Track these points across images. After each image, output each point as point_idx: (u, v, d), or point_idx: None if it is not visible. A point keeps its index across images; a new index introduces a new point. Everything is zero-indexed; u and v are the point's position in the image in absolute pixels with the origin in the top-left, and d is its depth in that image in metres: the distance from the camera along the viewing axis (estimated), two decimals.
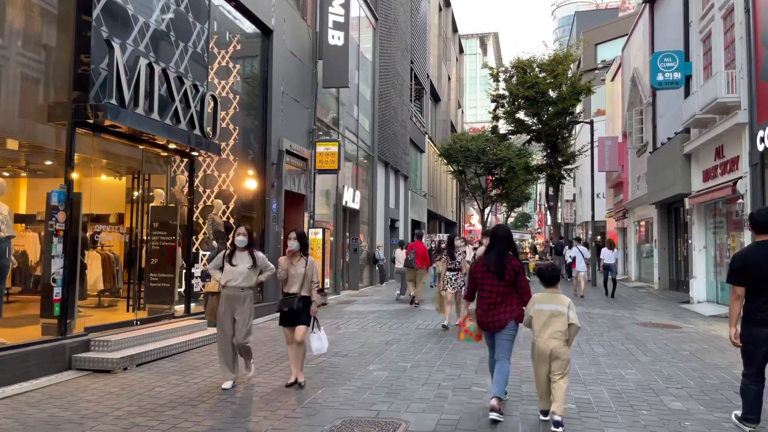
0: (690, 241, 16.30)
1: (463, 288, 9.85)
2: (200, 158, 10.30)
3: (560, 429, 4.48)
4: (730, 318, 4.70)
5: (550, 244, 24.82)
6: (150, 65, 7.83)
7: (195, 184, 9.94)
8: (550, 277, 4.92)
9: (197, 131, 8.92)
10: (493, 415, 4.77)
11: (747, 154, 12.08)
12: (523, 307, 5.02)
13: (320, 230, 14.10)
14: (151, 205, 9.46)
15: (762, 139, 10.83)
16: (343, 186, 17.10)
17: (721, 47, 13.74)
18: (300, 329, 6.01)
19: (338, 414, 5.05)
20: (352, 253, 18.37)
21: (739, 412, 4.79)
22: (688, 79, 15.96)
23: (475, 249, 15.05)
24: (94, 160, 9.05)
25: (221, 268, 6.19)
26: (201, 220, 11.04)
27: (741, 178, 12.36)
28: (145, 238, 9.32)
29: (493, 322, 5.04)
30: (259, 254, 6.26)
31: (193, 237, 9.92)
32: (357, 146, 19.05)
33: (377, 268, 20.83)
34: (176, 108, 8.34)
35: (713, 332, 10.18)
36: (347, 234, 18.16)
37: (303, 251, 6.09)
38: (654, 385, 6.15)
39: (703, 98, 13.59)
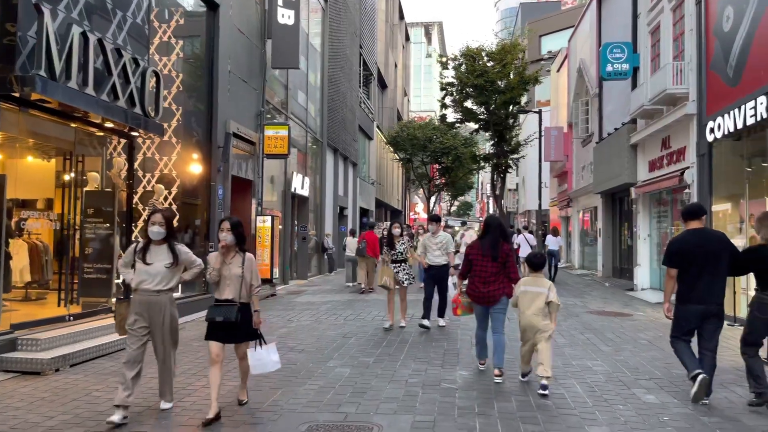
0: (635, 230, 16.66)
1: (407, 281, 8.96)
2: (140, 139, 9.54)
3: (546, 392, 5.22)
4: (665, 294, 5.41)
5: None
6: (84, 34, 7.07)
7: (134, 167, 9.18)
8: (538, 264, 5.75)
9: (137, 109, 8.18)
10: (498, 380, 5.72)
11: (694, 145, 12.31)
12: (513, 285, 5.85)
13: (269, 218, 13.51)
14: (84, 189, 8.67)
15: (712, 130, 11.02)
16: (292, 172, 16.50)
17: (670, 39, 13.95)
18: (242, 347, 4.90)
19: (303, 418, 4.63)
20: (300, 242, 17.83)
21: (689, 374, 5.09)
22: (635, 70, 16.20)
23: (413, 236, 14.88)
24: (20, 140, 8.20)
25: (133, 266, 4.83)
26: (141, 207, 10.27)
27: (688, 168, 12.61)
28: (77, 225, 8.53)
29: (488, 298, 5.89)
30: (182, 248, 4.97)
31: (132, 224, 9.19)
32: (306, 131, 18.44)
33: (326, 257, 20.36)
34: (114, 83, 7.59)
35: (664, 320, 10.30)
36: (296, 222, 17.60)
37: (239, 245, 4.83)
38: (623, 377, 6.03)
39: (652, 89, 13.78)
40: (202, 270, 5.16)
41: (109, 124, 8.01)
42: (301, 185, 17.23)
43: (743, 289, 10.36)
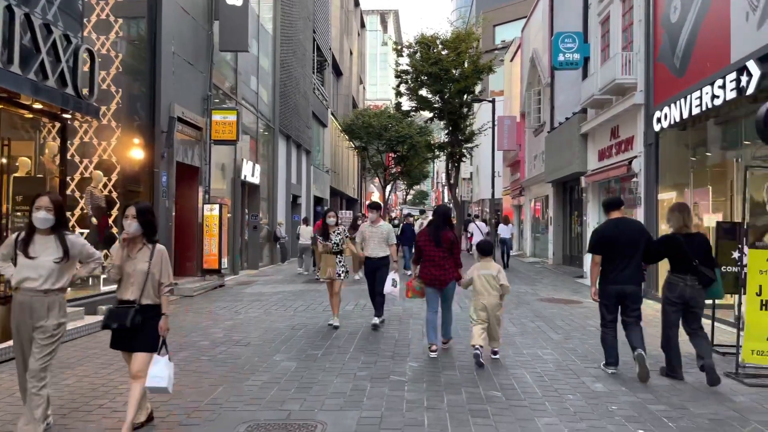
0: (584, 218, 16.93)
1: (342, 274, 8.07)
2: (76, 123, 9.00)
3: (498, 356, 6.24)
4: (591, 280, 5.93)
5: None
6: (9, 8, 6.54)
7: (69, 152, 8.65)
8: (486, 250, 6.47)
9: (69, 90, 7.66)
10: (444, 346, 6.63)
11: (642, 134, 12.51)
12: (458, 270, 6.46)
13: (217, 206, 13.06)
14: (13, 175, 8.09)
15: (659, 120, 11.19)
16: (242, 159, 16.03)
17: (619, 30, 14.12)
18: (139, 359, 4.00)
19: (242, 417, 4.38)
20: (251, 231, 17.39)
21: (602, 364, 5.90)
22: (586, 60, 16.38)
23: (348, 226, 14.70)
24: None
25: (14, 260, 4.04)
26: (78, 194, 9.73)
27: (636, 157, 12.81)
28: (6, 213, 7.96)
29: (439, 280, 6.38)
30: (75, 239, 4.16)
31: (68, 213, 8.67)
32: (257, 117, 17.94)
33: (278, 246, 19.97)
34: (42, 61, 7.07)
35: None
36: (246, 210, 17.15)
37: (147, 236, 4.10)
38: (572, 365, 6.01)
39: (602, 79, 13.93)
40: (101, 264, 4.44)
41: (38, 105, 7.47)
42: (251, 173, 16.77)
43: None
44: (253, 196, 17.74)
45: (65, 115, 8.00)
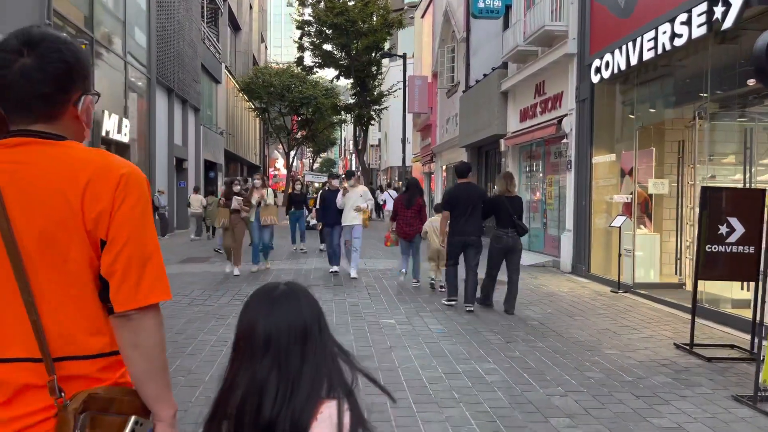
0: None
1: None
2: None
3: (444, 289, 7.76)
4: (441, 230, 7.39)
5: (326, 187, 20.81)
6: None
7: None
8: (438, 208, 8.14)
9: None
10: (415, 285, 8.65)
11: (574, 89, 10.98)
12: (421, 225, 8.40)
13: None
14: None
15: (598, 70, 9.64)
16: (103, 111, 13.03)
17: None
18: None
19: None
20: None
21: (444, 299, 7.31)
22: (507, 9, 14.73)
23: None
24: None
25: None
26: None
27: (566, 115, 11.30)
28: None
29: (409, 234, 8.47)
30: None
31: None
32: (124, 61, 14.83)
33: (157, 216, 17.09)
34: None
35: (543, 287, 8.97)
36: None
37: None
38: (529, 392, 4.16)
39: (529, 27, 12.27)
40: None
41: None
42: (117, 128, 13.79)
43: (627, 250, 9.27)
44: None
45: None
